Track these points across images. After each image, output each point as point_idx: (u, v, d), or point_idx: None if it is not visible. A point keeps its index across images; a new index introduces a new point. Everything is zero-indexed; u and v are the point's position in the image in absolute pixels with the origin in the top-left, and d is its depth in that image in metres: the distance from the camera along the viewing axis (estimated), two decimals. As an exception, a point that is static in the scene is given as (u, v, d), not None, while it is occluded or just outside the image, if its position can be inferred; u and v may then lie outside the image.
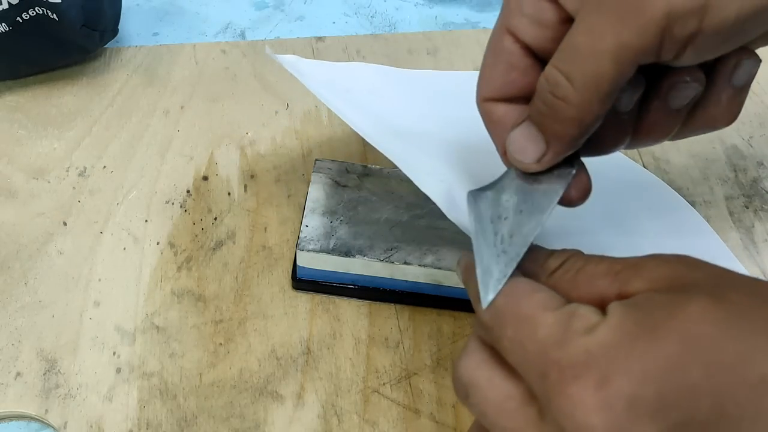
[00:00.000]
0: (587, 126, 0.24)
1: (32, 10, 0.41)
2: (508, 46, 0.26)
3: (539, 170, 0.26)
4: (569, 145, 0.25)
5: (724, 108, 0.26)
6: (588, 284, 0.24)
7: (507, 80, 0.26)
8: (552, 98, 0.24)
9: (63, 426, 0.32)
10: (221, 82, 0.47)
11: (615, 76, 0.23)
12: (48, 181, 0.41)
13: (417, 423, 0.33)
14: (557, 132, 0.25)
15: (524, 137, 0.26)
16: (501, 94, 0.27)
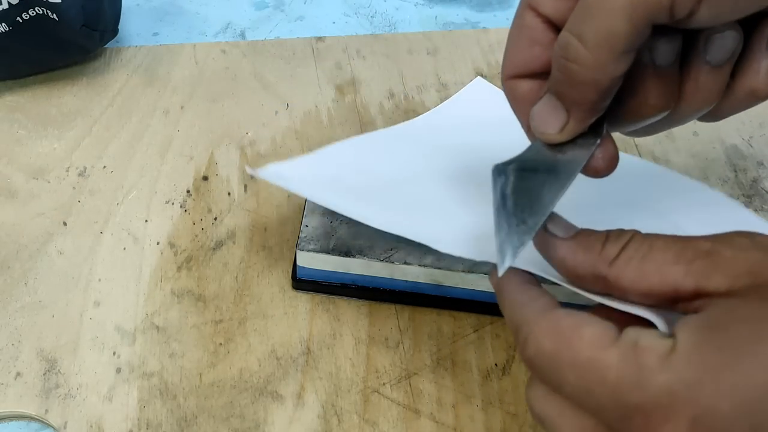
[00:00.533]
0: (605, 88, 0.24)
1: (32, 10, 0.41)
2: (529, 21, 0.26)
3: (563, 140, 0.26)
4: (590, 110, 0.25)
5: (764, 77, 0.25)
6: (658, 274, 0.23)
7: (530, 55, 0.26)
8: (565, 62, 0.24)
9: (63, 426, 0.32)
10: (221, 82, 0.47)
11: (628, 35, 0.22)
12: (48, 181, 0.41)
13: (417, 423, 0.33)
14: (575, 97, 0.24)
15: (546, 109, 0.25)
16: (524, 70, 0.27)
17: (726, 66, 0.25)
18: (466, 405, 0.34)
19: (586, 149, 0.26)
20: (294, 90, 0.47)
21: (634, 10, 0.22)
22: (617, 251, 0.24)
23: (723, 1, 0.22)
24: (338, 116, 0.45)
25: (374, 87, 0.47)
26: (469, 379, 0.34)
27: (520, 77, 0.27)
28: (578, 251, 0.25)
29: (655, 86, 0.25)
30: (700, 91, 0.25)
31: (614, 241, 0.24)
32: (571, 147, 0.26)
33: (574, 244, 0.25)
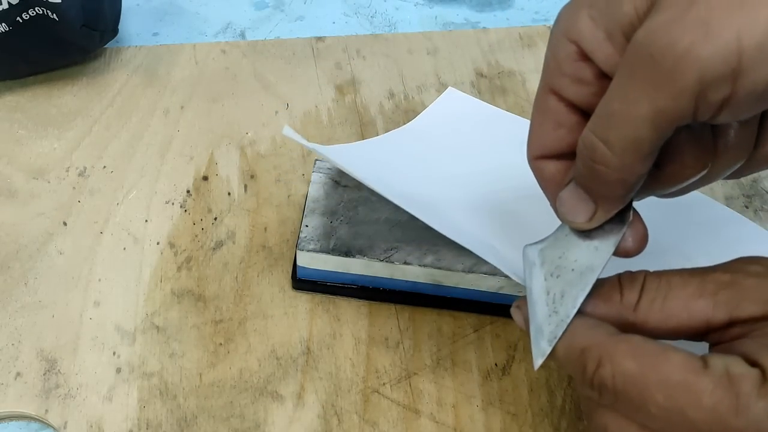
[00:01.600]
0: (631, 185, 0.24)
1: (32, 10, 0.41)
2: (552, 104, 0.27)
3: (591, 228, 0.26)
4: (617, 203, 0.25)
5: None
6: (686, 310, 0.24)
7: (555, 137, 0.27)
8: (592, 163, 0.24)
9: (63, 426, 0.32)
10: (221, 82, 0.47)
11: (653, 140, 0.23)
12: (48, 181, 0.41)
13: (417, 423, 0.33)
14: (603, 193, 0.25)
15: (573, 198, 0.26)
16: (550, 152, 0.27)
17: (753, 120, 0.25)
18: (466, 405, 0.34)
19: (615, 234, 0.26)
20: (294, 90, 0.47)
21: (658, 118, 0.22)
22: (637, 296, 0.25)
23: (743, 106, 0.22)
24: (338, 116, 0.45)
25: (374, 87, 0.47)
26: (469, 379, 0.34)
27: (546, 158, 0.28)
28: (598, 304, 0.26)
29: (691, 148, 0.25)
30: (731, 147, 0.25)
31: (630, 286, 0.25)
32: (599, 231, 0.26)
33: (591, 298, 0.26)
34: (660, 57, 0.21)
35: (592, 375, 0.24)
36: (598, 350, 0.24)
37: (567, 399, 0.34)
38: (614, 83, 0.23)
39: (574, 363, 0.25)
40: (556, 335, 0.26)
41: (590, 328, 0.25)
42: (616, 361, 0.23)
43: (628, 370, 0.23)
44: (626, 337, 0.24)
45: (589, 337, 0.25)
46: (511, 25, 0.52)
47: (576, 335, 0.25)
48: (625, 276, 0.26)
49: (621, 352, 0.23)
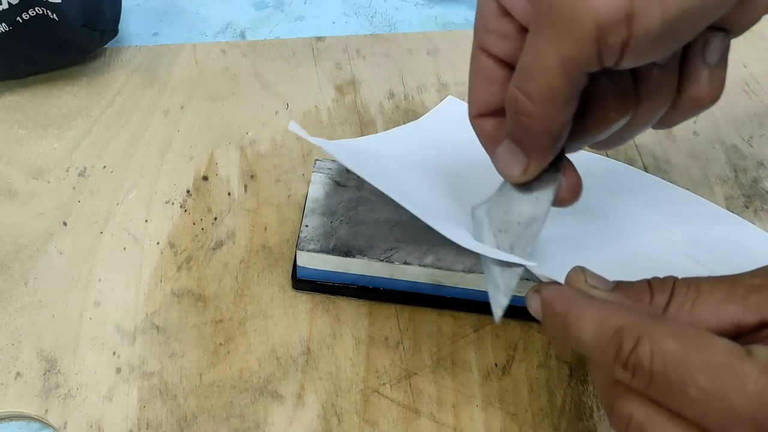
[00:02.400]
0: (556, 134, 0.26)
1: (32, 10, 0.41)
2: (483, 62, 0.28)
3: (527, 180, 0.28)
4: (547, 153, 0.27)
5: (705, 87, 0.27)
6: (715, 315, 0.24)
7: (489, 94, 0.28)
8: (517, 115, 0.26)
9: (63, 426, 0.32)
10: (221, 82, 0.47)
11: (566, 87, 0.24)
12: (48, 181, 0.41)
13: (417, 423, 0.33)
14: (532, 144, 0.26)
15: (507, 152, 0.27)
16: (487, 108, 0.29)
17: (672, 65, 0.26)
18: (466, 405, 0.34)
19: (551, 184, 0.28)
20: (294, 90, 0.47)
21: (566, 65, 0.23)
22: (666, 299, 0.25)
23: (644, 48, 0.23)
24: (338, 116, 0.45)
25: (374, 87, 0.47)
26: (469, 379, 0.34)
27: (485, 116, 0.29)
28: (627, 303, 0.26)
29: (613, 94, 0.26)
30: (653, 91, 0.26)
31: (659, 289, 0.26)
32: (538, 184, 0.28)
33: (621, 296, 0.26)
34: (560, 7, 0.23)
35: (627, 354, 0.23)
36: (637, 329, 0.23)
37: (567, 399, 0.34)
38: (528, 37, 0.25)
39: (606, 343, 0.24)
40: (512, 286, 0.27)
41: (627, 309, 0.25)
42: (656, 340, 0.22)
43: (670, 349, 0.22)
44: (664, 320, 0.24)
45: (626, 316, 0.24)
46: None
47: (611, 314, 0.24)
48: (655, 280, 0.26)
49: (662, 332, 0.23)
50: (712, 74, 0.26)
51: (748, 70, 0.50)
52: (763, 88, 0.49)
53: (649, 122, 0.27)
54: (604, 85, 0.26)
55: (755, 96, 0.49)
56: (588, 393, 0.34)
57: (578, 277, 0.28)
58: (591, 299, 0.26)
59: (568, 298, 0.26)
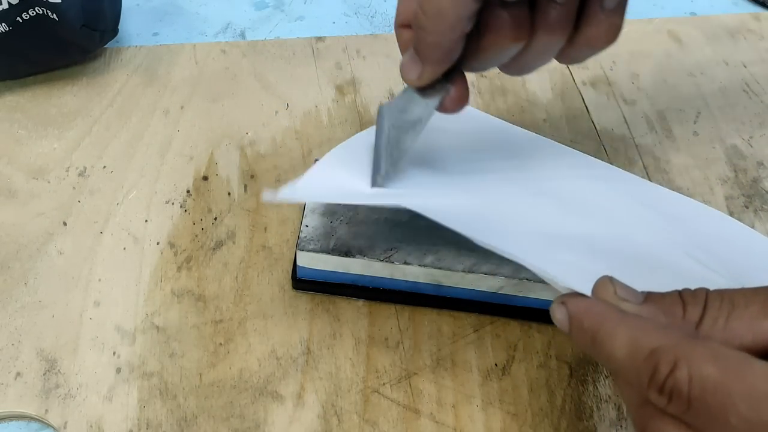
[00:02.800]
0: (446, 49, 0.29)
1: (32, 10, 0.41)
2: None
3: (421, 85, 0.31)
4: (437, 64, 0.30)
5: (600, 29, 0.29)
6: (750, 330, 0.24)
7: (409, 8, 0.31)
8: (416, 28, 0.29)
9: (63, 426, 0.32)
10: (221, 82, 0.47)
11: (454, 10, 0.27)
12: (48, 181, 0.41)
13: (417, 423, 0.33)
14: (425, 54, 0.30)
15: (409, 59, 0.30)
16: (406, 21, 0.32)
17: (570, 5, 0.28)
18: (466, 405, 0.34)
19: (440, 92, 0.31)
20: (294, 90, 0.47)
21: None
22: (700, 313, 0.25)
23: None
24: (338, 116, 0.45)
25: (374, 87, 0.47)
26: (469, 379, 0.34)
27: (405, 26, 0.32)
28: (659, 317, 0.25)
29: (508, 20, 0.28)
30: (549, 24, 0.28)
31: (692, 302, 0.25)
32: (431, 90, 0.31)
33: (653, 309, 0.26)
34: None
35: (664, 378, 0.22)
36: (674, 351, 0.22)
37: (567, 399, 0.34)
38: None
39: (641, 364, 0.23)
40: (388, 171, 0.32)
41: (662, 328, 0.24)
42: (695, 365, 0.22)
43: (709, 375, 0.21)
44: (705, 341, 0.23)
45: (661, 337, 0.23)
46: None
47: (646, 333, 0.24)
48: (686, 292, 0.26)
49: (700, 355, 0.22)
50: (608, 18, 0.29)
51: (748, 70, 0.50)
52: (763, 88, 0.49)
53: (544, 53, 0.30)
54: (500, 13, 0.28)
55: (755, 96, 0.49)
56: (588, 393, 0.34)
57: (607, 289, 0.27)
58: (623, 315, 0.25)
59: (598, 313, 0.25)
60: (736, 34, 0.53)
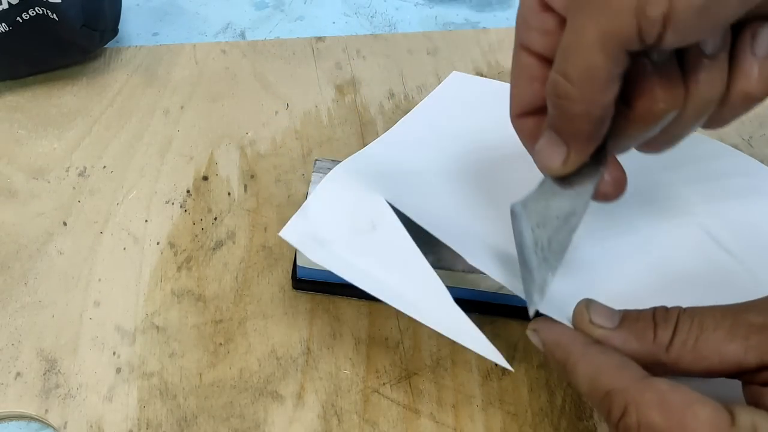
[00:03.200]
0: (597, 117, 0.25)
1: (32, 10, 0.41)
2: (525, 60, 0.27)
3: (567, 172, 0.27)
4: (587, 140, 0.25)
5: (755, 80, 0.25)
6: (717, 354, 0.25)
7: (531, 92, 0.27)
8: (556, 99, 0.25)
9: (63, 426, 0.32)
10: (221, 82, 0.47)
11: (606, 66, 0.23)
12: (48, 181, 0.41)
13: (417, 423, 0.33)
14: (571, 130, 0.25)
15: (547, 144, 0.26)
16: (528, 108, 0.28)
17: (721, 57, 0.25)
18: (466, 405, 0.34)
19: (593, 178, 0.27)
20: (294, 90, 0.47)
21: (606, 42, 0.23)
22: (670, 336, 0.26)
23: (687, 26, 0.22)
24: (338, 116, 0.45)
25: (374, 87, 0.47)
26: (469, 379, 0.34)
27: (526, 115, 0.28)
28: (631, 341, 0.26)
29: (659, 82, 0.25)
30: (702, 82, 0.25)
31: (663, 325, 0.26)
32: (578, 178, 0.27)
33: (625, 334, 0.27)
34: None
35: (616, 421, 0.24)
36: (624, 396, 0.24)
37: (567, 399, 0.34)
38: (567, 20, 0.24)
39: (599, 403, 0.25)
40: (548, 281, 0.27)
41: (617, 369, 0.25)
42: (642, 412, 0.23)
43: (654, 423, 0.23)
44: (653, 385, 0.24)
45: (615, 380, 0.25)
46: (511, 25, 0.52)
47: (602, 374, 0.25)
48: (660, 312, 0.27)
49: (647, 402, 0.23)
50: (762, 67, 0.25)
51: (748, 70, 0.50)
52: (763, 88, 0.49)
53: (698, 118, 0.26)
54: (650, 74, 0.24)
55: (755, 96, 0.49)
56: (588, 393, 0.34)
57: (582, 316, 0.28)
58: (585, 350, 0.27)
59: (565, 346, 0.27)
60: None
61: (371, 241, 0.32)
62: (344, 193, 0.33)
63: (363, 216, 0.32)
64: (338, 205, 0.33)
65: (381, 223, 0.32)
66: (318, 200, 0.33)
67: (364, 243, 0.31)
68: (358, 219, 0.32)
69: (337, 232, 0.32)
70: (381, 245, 0.31)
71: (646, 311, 0.27)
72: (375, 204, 0.33)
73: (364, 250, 0.31)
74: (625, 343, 0.26)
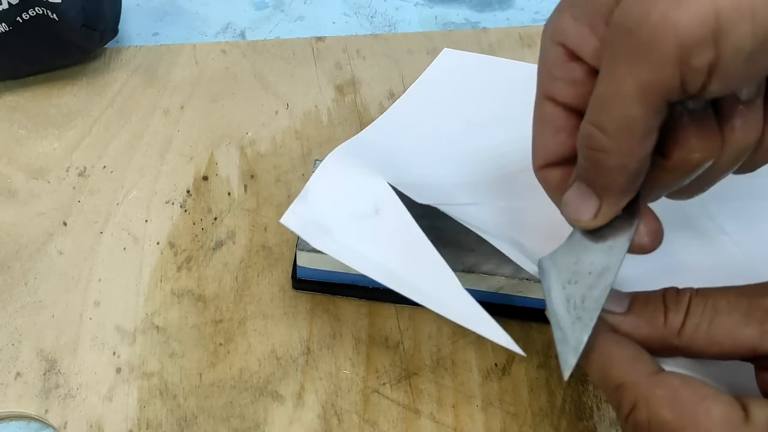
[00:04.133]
0: (633, 171, 0.24)
1: (32, 10, 0.41)
2: (550, 111, 0.26)
3: (598, 226, 0.26)
4: (620, 194, 0.25)
5: None
6: (731, 338, 0.24)
7: (556, 143, 0.27)
8: (590, 152, 0.24)
9: (63, 426, 0.32)
10: (221, 82, 0.47)
11: (646, 117, 0.22)
12: (48, 181, 0.41)
13: (417, 423, 0.33)
14: (605, 184, 0.24)
15: (577, 196, 0.26)
16: (554, 159, 0.27)
17: (757, 100, 0.24)
18: (466, 405, 0.34)
19: (626, 231, 0.26)
20: (294, 90, 0.47)
21: (646, 94, 0.21)
22: (681, 320, 0.25)
23: (733, 71, 0.21)
24: (338, 116, 0.45)
25: (374, 87, 0.47)
26: (469, 379, 0.34)
27: (551, 166, 0.27)
28: (641, 326, 0.26)
29: (695, 132, 0.24)
30: (738, 129, 0.24)
31: (675, 308, 0.25)
32: (611, 231, 0.26)
33: (635, 319, 0.26)
34: (637, 29, 0.21)
35: (626, 415, 0.24)
36: (635, 391, 0.23)
37: (567, 399, 0.34)
38: (602, 68, 0.23)
39: (609, 395, 0.25)
40: (582, 341, 0.25)
41: (629, 362, 0.25)
42: (652, 409, 0.23)
43: (665, 420, 0.22)
44: (664, 380, 0.23)
45: (626, 374, 0.24)
46: (511, 25, 0.52)
47: (613, 367, 0.25)
48: (670, 295, 0.26)
49: (658, 398, 0.23)
50: None
51: (748, 70, 0.50)
52: (763, 88, 0.49)
53: (733, 165, 0.25)
54: (685, 124, 0.23)
55: (755, 96, 0.49)
56: (588, 393, 0.34)
57: None
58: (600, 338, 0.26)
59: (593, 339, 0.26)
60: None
61: (375, 226, 0.31)
62: (345, 176, 0.32)
63: (365, 199, 0.31)
64: (339, 188, 0.32)
65: (384, 206, 0.31)
66: (318, 184, 0.32)
67: (368, 227, 0.31)
68: (361, 202, 0.31)
69: (339, 217, 0.31)
70: (385, 230, 0.31)
71: (656, 293, 0.26)
72: (377, 186, 0.32)
73: (367, 235, 0.30)
74: (635, 329, 0.26)
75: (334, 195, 0.32)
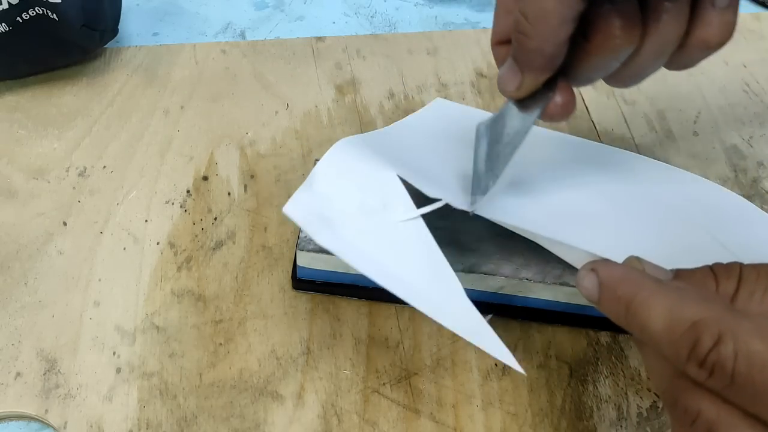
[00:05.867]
0: (550, 54, 0.27)
1: (32, 10, 0.41)
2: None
3: (520, 96, 0.30)
4: (539, 71, 0.28)
5: (713, 28, 0.27)
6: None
7: (505, 24, 0.31)
8: (516, 34, 0.28)
9: (63, 426, 0.32)
10: (221, 82, 0.47)
11: (558, 9, 0.26)
12: (48, 181, 0.41)
13: (417, 423, 0.33)
14: (526, 62, 0.28)
15: (507, 70, 0.29)
16: (504, 37, 0.31)
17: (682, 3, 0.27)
18: (466, 405, 0.34)
19: (542, 101, 0.30)
20: (294, 90, 0.47)
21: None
22: (734, 287, 0.24)
23: None
24: (338, 116, 0.45)
25: (374, 87, 0.47)
26: (469, 379, 0.34)
27: (502, 43, 0.31)
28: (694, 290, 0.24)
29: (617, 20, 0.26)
30: (662, 24, 0.27)
31: (725, 276, 0.24)
32: (532, 101, 0.30)
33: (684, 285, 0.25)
34: None
35: (706, 352, 0.21)
36: (718, 325, 0.21)
37: (567, 399, 0.34)
38: None
39: (680, 336, 0.22)
40: (489, 187, 0.31)
41: (704, 300, 0.23)
42: (741, 340, 0.21)
43: (756, 351, 0.21)
44: (748, 314, 0.22)
45: (704, 309, 0.22)
46: (511, 25, 0.52)
47: (687, 304, 0.23)
48: (719, 266, 0.25)
49: (747, 330, 0.21)
50: (721, 16, 0.27)
51: (748, 70, 0.50)
52: (763, 88, 0.49)
53: (657, 57, 0.28)
54: (608, 13, 0.26)
55: (755, 96, 0.49)
56: (588, 393, 0.34)
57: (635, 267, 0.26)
58: (660, 284, 0.24)
59: (634, 281, 0.25)
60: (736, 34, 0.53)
61: (380, 223, 0.31)
62: (355, 163, 0.32)
63: (373, 191, 0.31)
64: (347, 177, 0.32)
65: (392, 201, 0.31)
66: (325, 171, 0.31)
67: (373, 225, 0.30)
68: (368, 194, 0.31)
69: (344, 211, 0.30)
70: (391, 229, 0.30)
71: (701, 267, 0.25)
72: (387, 179, 0.32)
73: (372, 234, 0.30)
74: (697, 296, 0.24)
75: (341, 184, 0.31)
